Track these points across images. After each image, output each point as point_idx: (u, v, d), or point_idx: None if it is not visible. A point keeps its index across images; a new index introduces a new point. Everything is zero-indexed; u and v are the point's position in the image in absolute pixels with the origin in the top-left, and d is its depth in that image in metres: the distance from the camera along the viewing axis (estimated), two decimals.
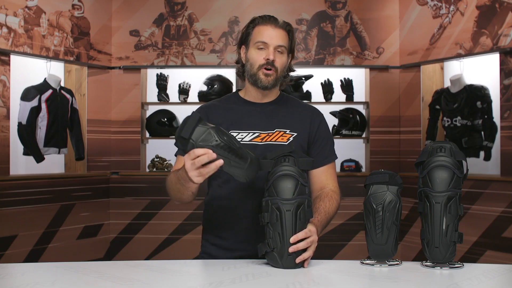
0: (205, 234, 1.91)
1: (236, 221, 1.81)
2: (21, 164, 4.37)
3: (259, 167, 1.54)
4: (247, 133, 1.81)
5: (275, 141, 1.80)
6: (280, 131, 1.82)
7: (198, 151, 1.45)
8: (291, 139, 1.81)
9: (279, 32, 1.80)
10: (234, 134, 1.81)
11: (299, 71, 4.83)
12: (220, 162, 1.45)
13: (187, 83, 4.89)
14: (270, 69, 1.79)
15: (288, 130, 1.83)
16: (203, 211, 1.94)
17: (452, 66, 4.57)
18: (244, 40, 1.86)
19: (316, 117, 1.90)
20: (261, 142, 1.80)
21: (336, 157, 1.91)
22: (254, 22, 1.83)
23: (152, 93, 4.98)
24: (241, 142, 1.78)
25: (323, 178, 1.84)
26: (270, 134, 1.82)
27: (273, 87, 1.84)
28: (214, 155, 1.44)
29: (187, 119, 1.47)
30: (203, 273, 1.57)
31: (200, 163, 1.45)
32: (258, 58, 1.79)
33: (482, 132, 4.19)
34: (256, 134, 1.81)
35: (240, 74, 1.90)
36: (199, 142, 1.45)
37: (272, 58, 1.78)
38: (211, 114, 1.86)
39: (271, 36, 1.79)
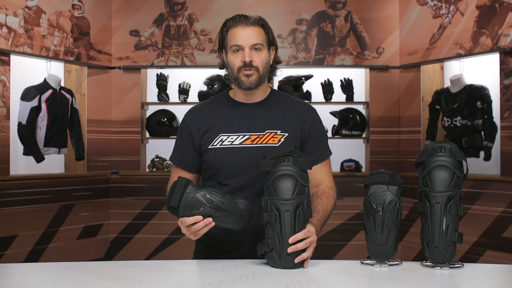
0: None
1: None
2: (21, 164, 4.37)
3: (251, 213, 1.59)
4: (237, 136, 1.79)
5: (266, 143, 1.77)
6: (271, 132, 1.79)
7: (189, 220, 1.54)
8: (282, 140, 1.79)
9: (252, 30, 1.76)
10: (224, 138, 1.79)
11: (299, 71, 4.83)
12: (212, 224, 1.56)
13: (187, 83, 4.89)
14: (249, 69, 1.76)
15: (279, 131, 1.80)
16: None
17: (452, 66, 4.57)
18: (221, 44, 1.84)
19: (309, 115, 1.86)
20: (251, 144, 1.77)
21: (331, 153, 1.88)
22: (227, 25, 1.80)
23: (152, 93, 4.98)
24: (232, 146, 1.77)
25: (319, 175, 1.82)
26: (260, 136, 1.79)
27: (258, 86, 1.80)
28: (206, 221, 1.54)
29: (174, 185, 1.54)
30: (203, 273, 1.57)
31: (195, 230, 1.56)
32: (236, 61, 1.77)
33: (482, 132, 4.19)
34: (247, 137, 1.78)
35: (227, 78, 1.88)
36: (188, 210, 1.54)
37: (249, 59, 1.75)
38: (201, 121, 1.84)
39: (244, 36, 1.75)
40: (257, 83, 1.78)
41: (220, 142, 1.79)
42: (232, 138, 1.79)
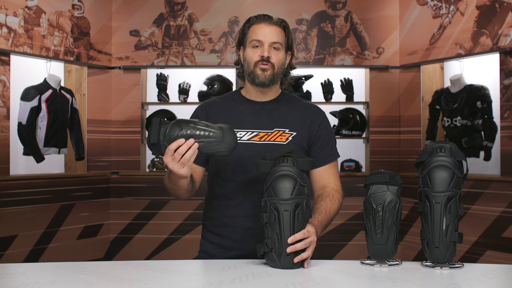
0: (204, 233, 1.92)
1: (235, 220, 1.81)
2: (21, 164, 4.37)
3: (234, 133, 1.56)
4: (245, 132, 1.81)
5: (273, 140, 1.80)
6: (279, 131, 1.82)
7: (171, 146, 1.51)
8: (290, 138, 1.81)
9: (274, 29, 1.81)
10: None
11: (299, 71, 4.83)
12: (195, 146, 1.51)
13: (187, 83, 4.89)
14: (266, 64, 1.79)
15: (287, 130, 1.82)
16: (203, 210, 1.94)
17: (452, 66, 4.57)
18: (241, 41, 1.87)
19: (317, 116, 1.88)
20: (259, 141, 1.80)
21: (338, 156, 1.90)
22: (249, 22, 1.84)
23: (152, 93, 4.98)
24: (239, 141, 1.78)
25: (325, 177, 1.84)
26: (269, 133, 1.81)
27: (271, 84, 1.83)
28: (190, 142, 1.51)
29: (148, 125, 1.50)
30: (203, 273, 1.57)
31: (180, 155, 1.51)
32: (254, 56, 1.80)
33: (482, 132, 4.19)
34: (255, 133, 1.81)
35: (240, 75, 1.91)
36: (167, 139, 1.52)
37: (267, 54, 1.78)
38: (211, 111, 1.87)
39: (265, 33, 1.79)
40: (271, 79, 1.81)
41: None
42: (240, 134, 1.80)
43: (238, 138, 1.79)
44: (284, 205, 1.52)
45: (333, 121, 4.82)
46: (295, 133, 1.82)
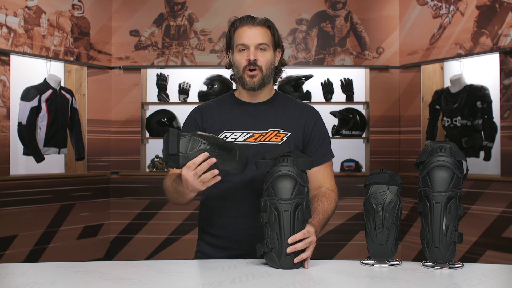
0: (201, 233, 1.93)
1: (231, 220, 1.81)
2: (21, 164, 4.37)
3: (246, 157, 1.59)
4: (240, 133, 1.81)
5: (268, 141, 1.80)
6: (274, 131, 1.82)
7: (197, 159, 1.51)
8: (285, 138, 1.81)
9: (258, 30, 1.80)
10: (228, 135, 1.81)
11: (299, 71, 4.83)
12: (213, 160, 1.51)
13: (187, 83, 4.89)
14: (253, 70, 1.79)
15: (282, 130, 1.82)
16: (199, 211, 1.95)
17: (452, 66, 4.57)
18: (229, 44, 1.87)
19: (312, 116, 1.88)
20: (254, 142, 1.80)
21: (333, 156, 1.90)
22: (234, 25, 1.84)
23: (152, 93, 4.98)
24: (235, 143, 1.79)
25: (320, 177, 1.83)
26: (263, 134, 1.81)
27: (262, 87, 1.83)
28: (210, 161, 1.51)
29: (167, 136, 1.52)
30: (203, 273, 1.57)
31: (201, 171, 1.51)
32: (241, 60, 1.80)
33: (482, 132, 4.19)
34: (250, 134, 1.81)
35: (233, 78, 1.91)
36: (189, 151, 1.51)
37: (253, 58, 1.78)
38: (206, 115, 1.87)
39: (249, 36, 1.79)
40: (261, 83, 1.82)
41: (224, 139, 1.80)
42: (235, 135, 1.81)
43: (233, 140, 1.80)
44: (284, 205, 1.52)
45: (333, 121, 4.82)
46: (289, 133, 1.82)
